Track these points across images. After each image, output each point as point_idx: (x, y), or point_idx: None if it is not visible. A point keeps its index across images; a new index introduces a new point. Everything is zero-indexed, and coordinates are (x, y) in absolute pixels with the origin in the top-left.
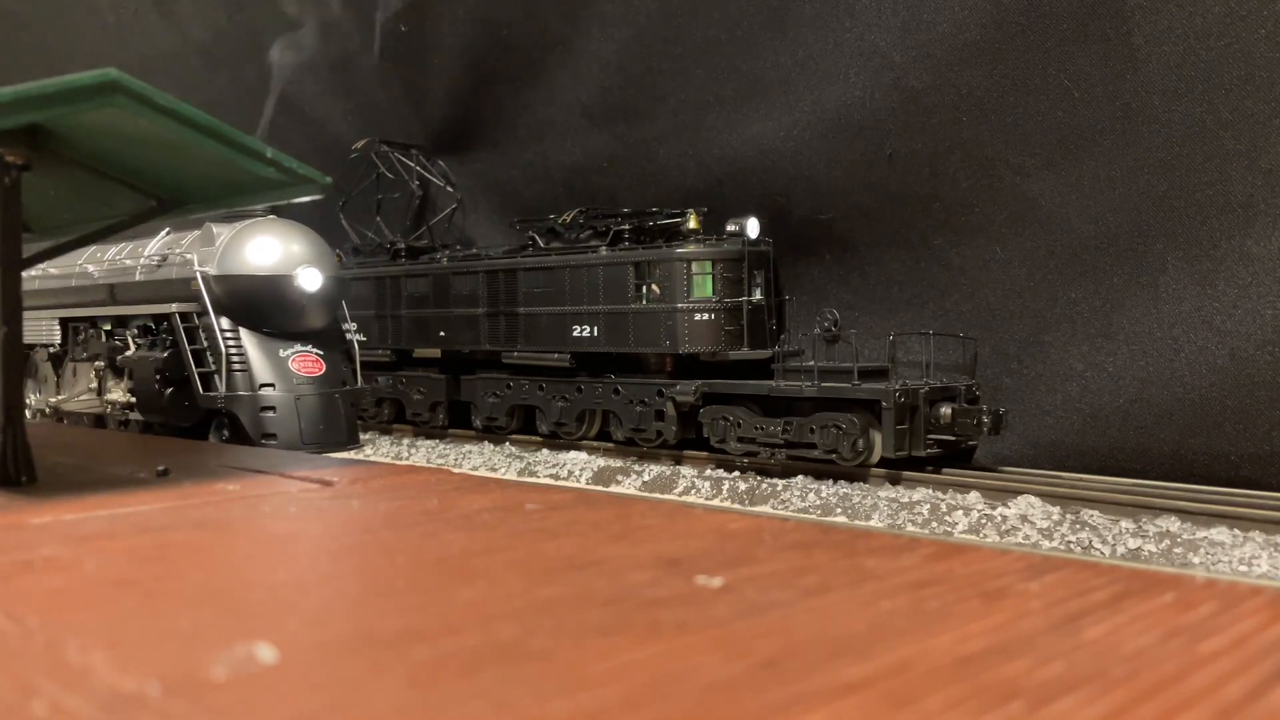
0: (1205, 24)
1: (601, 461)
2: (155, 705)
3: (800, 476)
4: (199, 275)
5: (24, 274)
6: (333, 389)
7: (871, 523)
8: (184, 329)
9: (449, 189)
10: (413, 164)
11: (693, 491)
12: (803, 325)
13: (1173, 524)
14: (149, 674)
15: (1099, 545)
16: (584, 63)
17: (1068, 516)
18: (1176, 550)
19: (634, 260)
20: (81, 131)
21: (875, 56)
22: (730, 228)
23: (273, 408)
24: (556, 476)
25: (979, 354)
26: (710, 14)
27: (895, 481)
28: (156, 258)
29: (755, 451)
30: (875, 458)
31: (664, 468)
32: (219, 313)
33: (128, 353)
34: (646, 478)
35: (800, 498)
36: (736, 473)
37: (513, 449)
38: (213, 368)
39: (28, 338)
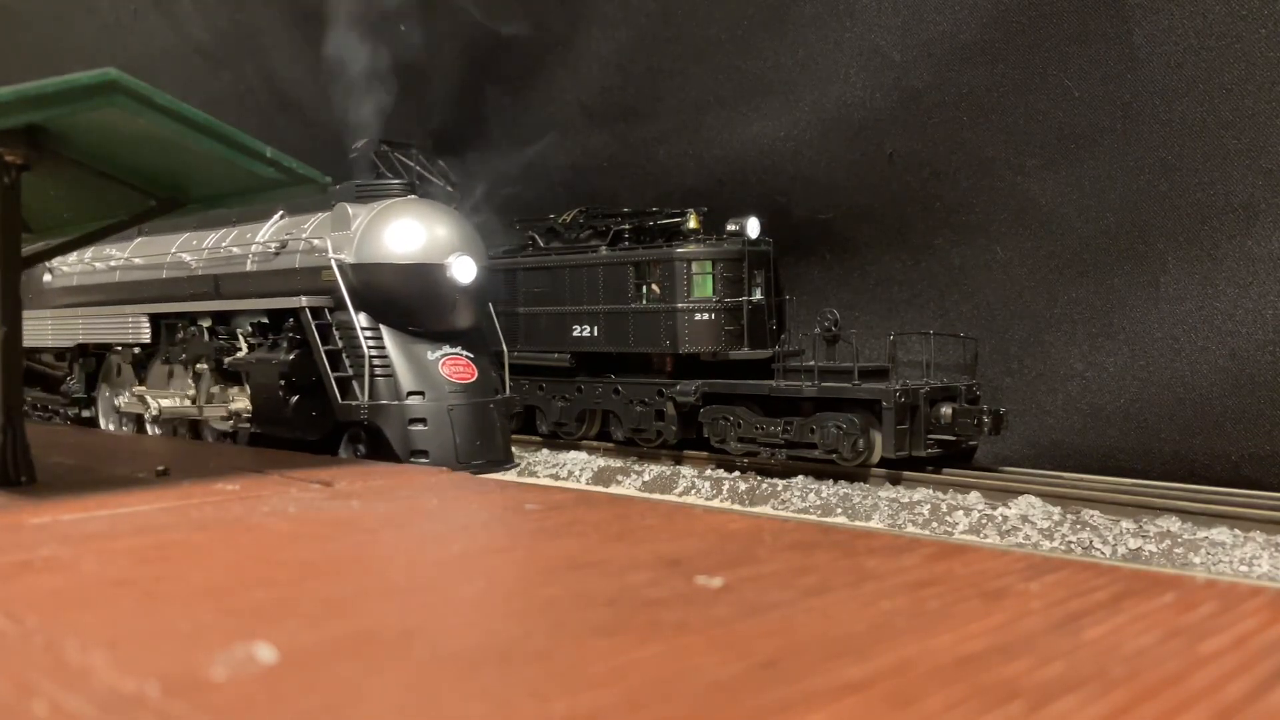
0: (1206, 23)
1: (601, 461)
2: (155, 705)
3: (800, 477)
4: (334, 264)
5: (101, 265)
6: (487, 397)
7: (872, 523)
8: (315, 326)
9: (449, 189)
10: (412, 163)
11: (693, 492)
12: (803, 325)
13: (1173, 524)
14: (148, 674)
15: (1099, 545)
16: (584, 63)
17: (1068, 517)
18: (1177, 550)
19: (634, 260)
20: (81, 131)
21: (876, 56)
22: (730, 227)
23: (423, 419)
24: (556, 476)
25: (979, 354)
26: (710, 14)
27: (896, 482)
28: (273, 245)
29: (755, 451)
30: (875, 458)
31: (664, 468)
32: (357, 308)
33: (239, 354)
34: (646, 478)
35: (800, 498)
36: (736, 473)
37: (512, 449)
38: (351, 372)
39: (104, 335)
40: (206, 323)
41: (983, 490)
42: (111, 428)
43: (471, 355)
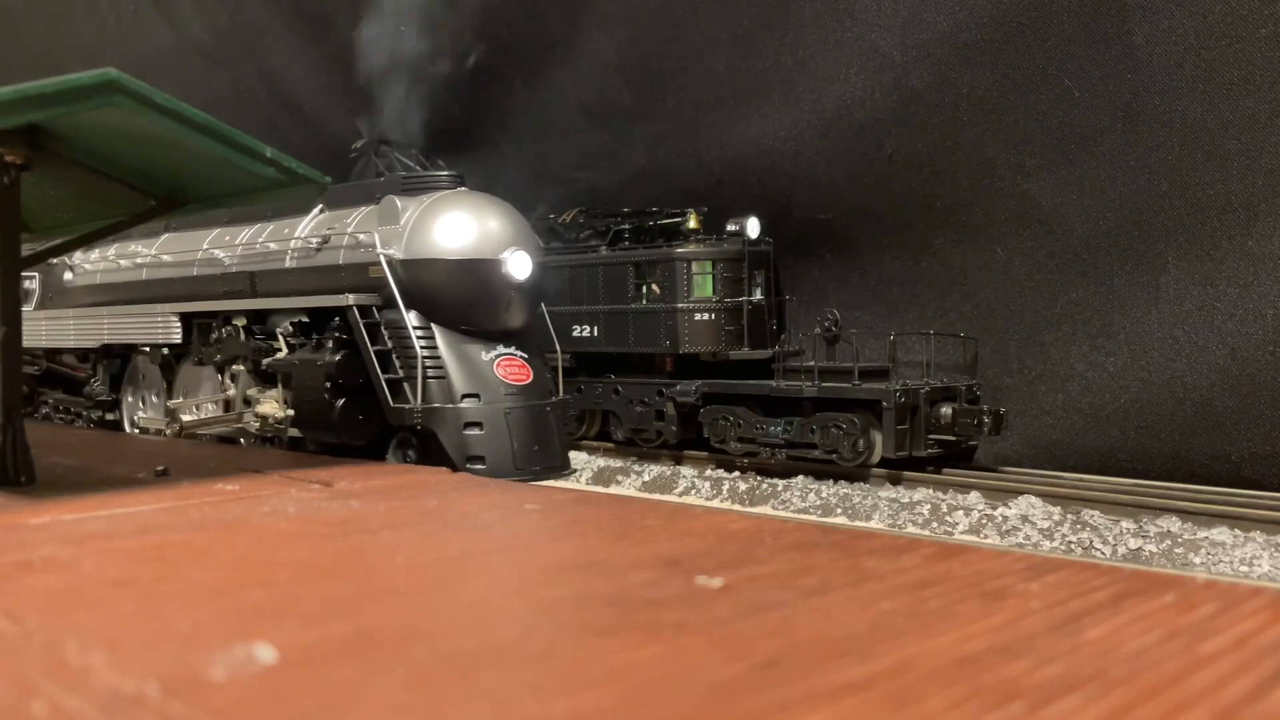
0: (1206, 23)
1: (601, 461)
2: (154, 705)
3: (800, 477)
4: (383, 260)
5: (126, 262)
6: (543, 400)
7: (872, 523)
8: (364, 325)
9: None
10: (412, 163)
11: (693, 492)
12: (803, 325)
13: (1174, 524)
14: (148, 674)
15: (1100, 545)
16: (584, 63)
17: (1068, 517)
18: (1177, 550)
19: (634, 260)
20: (81, 131)
21: (876, 56)
22: (730, 227)
23: (479, 423)
24: None
25: (979, 354)
26: (710, 14)
27: (896, 482)
28: (314, 240)
29: (755, 451)
30: (876, 458)
31: (664, 468)
32: (407, 306)
33: (279, 355)
34: (646, 478)
35: (800, 498)
36: (736, 473)
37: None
38: (401, 374)
39: (131, 335)
40: (241, 322)
41: (983, 490)
42: (136, 431)
43: (526, 356)
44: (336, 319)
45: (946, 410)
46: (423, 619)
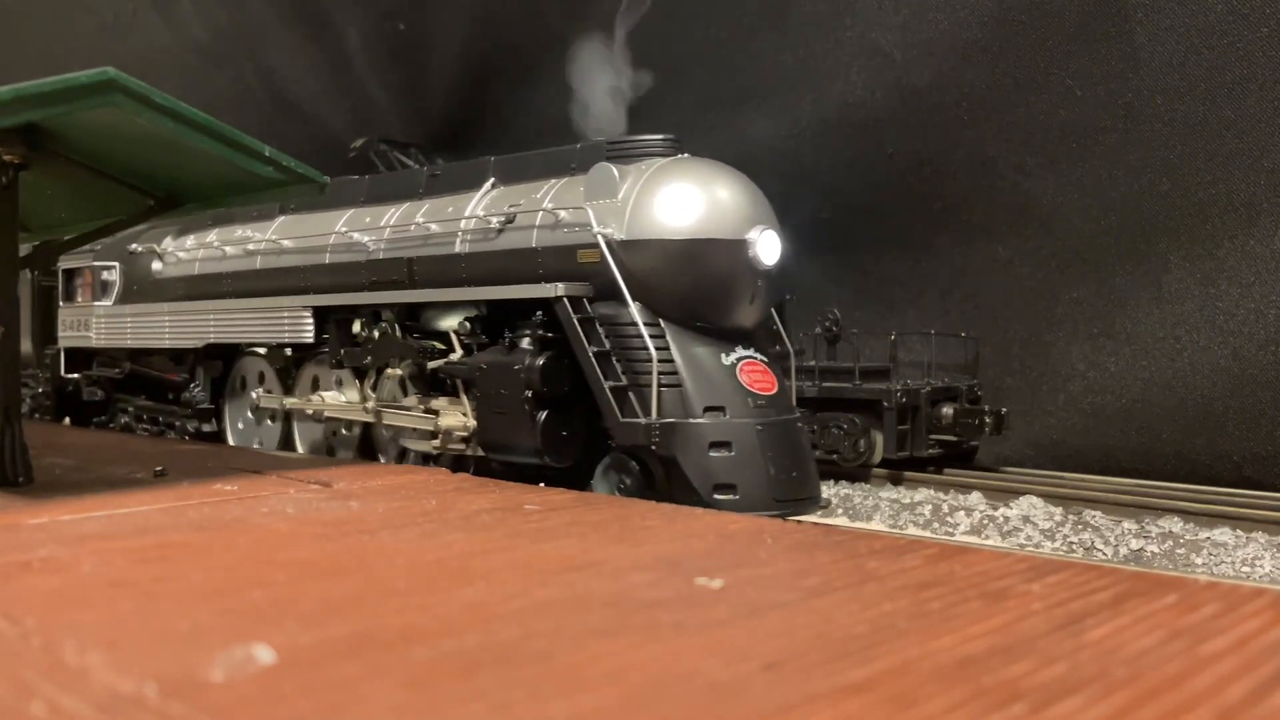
0: (1207, 22)
1: None
2: (153, 706)
3: None
4: (601, 241)
5: (234, 249)
6: (793, 414)
7: (873, 524)
8: (578, 322)
9: None
10: (411, 163)
11: None
12: (803, 325)
13: (1175, 525)
14: (147, 675)
15: (1101, 546)
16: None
17: (1070, 517)
18: (1179, 551)
19: None
20: (79, 130)
21: (876, 55)
22: None
23: (727, 443)
24: None
25: (980, 354)
26: (710, 14)
27: (897, 482)
28: (494, 219)
29: None
30: (876, 458)
31: None
32: (632, 297)
33: (453, 357)
34: None
35: None
36: None
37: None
38: (625, 381)
39: (248, 333)
40: (391, 317)
41: (984, 491)
42: (248, 443)
43: (767, 360)
44: (539, 313)
45: (948, 410)
46: (422, 619)
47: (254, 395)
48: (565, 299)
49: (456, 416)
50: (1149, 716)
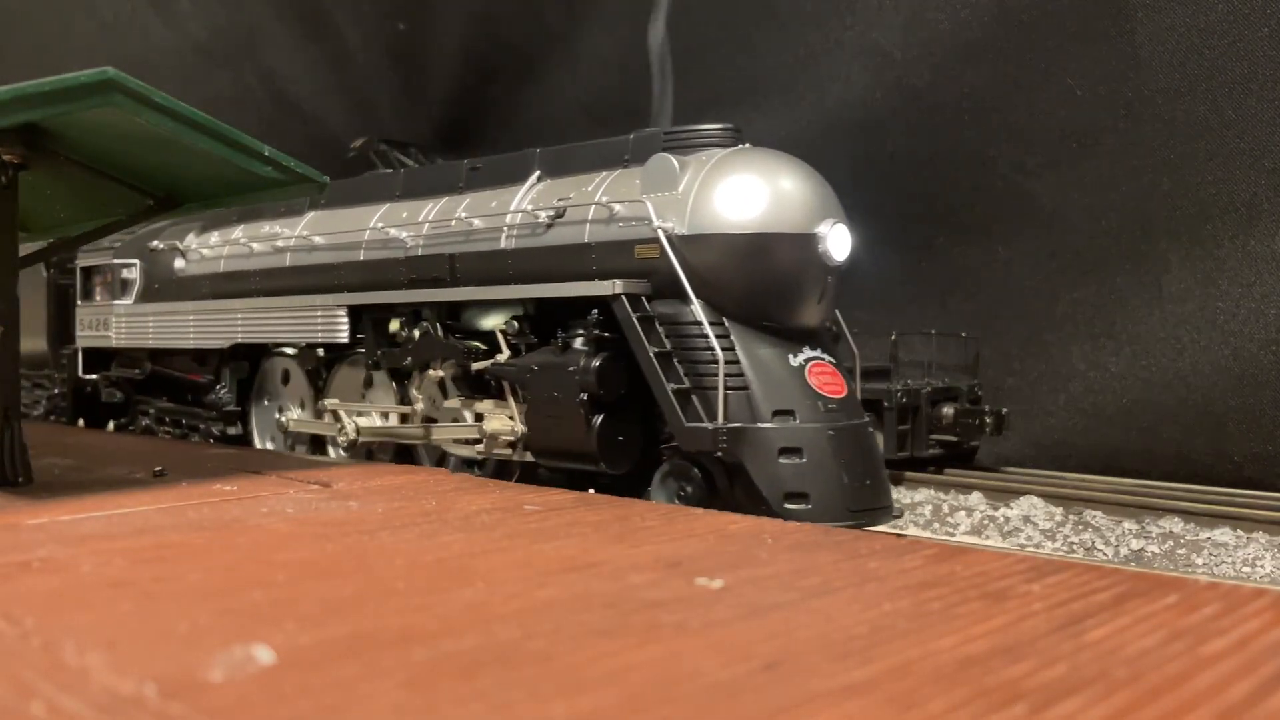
0: (1208, 22)
1: None
2: (152, 706)
3: None
4: (662, 235)
5: (262, 246)
6: (863, 419)
7: None
8: (637, 321)
9: None
10: (411, 162)
11: None
12: None
13: (1176, 525)
14: (146, 675)
15: (1102, 546)
16: (584, 62)
17: (1070, 517)
18: (1180, 551)
19: None
20: (79, 130)
21: (877, 55)
22: None
23: (797, 450)
24: None
25: (981, 354)
26: (710, 13)
27: (897, 482)
28: (545, 212)
29: None
30: None
31: None
32: (695, 295)
33: (500, 357)
34: None
35: None
36: None
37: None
38: (688, 383)
39: (279, 333)
40: (430, 315)
41: (984, 491)
42: (270, 446)
43: (835, 361)
44: (594, 312)
45: (948, 410)
46: (421, 619)
47: (280, 419)
48: (624, 297)
49: (503, 420)
50: (1150, 717)
